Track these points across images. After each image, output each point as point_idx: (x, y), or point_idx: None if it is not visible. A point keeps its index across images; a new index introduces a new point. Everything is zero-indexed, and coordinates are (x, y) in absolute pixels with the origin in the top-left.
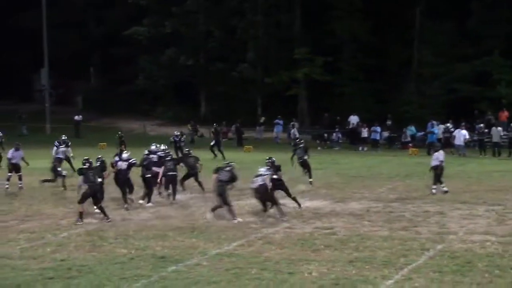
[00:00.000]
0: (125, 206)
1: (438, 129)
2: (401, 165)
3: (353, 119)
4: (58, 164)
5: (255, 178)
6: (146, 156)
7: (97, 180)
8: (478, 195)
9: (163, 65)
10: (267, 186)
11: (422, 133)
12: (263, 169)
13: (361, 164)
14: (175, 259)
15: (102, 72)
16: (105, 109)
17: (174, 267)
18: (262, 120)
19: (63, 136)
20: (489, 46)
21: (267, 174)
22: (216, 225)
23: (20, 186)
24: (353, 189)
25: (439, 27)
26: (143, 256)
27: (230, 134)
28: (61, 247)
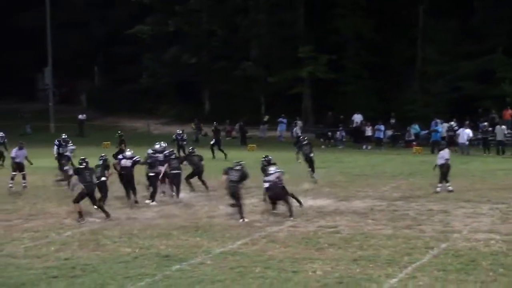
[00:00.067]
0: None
1: (442, 128)
2: (405, 164)
3: (357, 118)
4: (66, 163)
5: (267, 178)
6: (151, 155)
7: (94, 180)
8: (482, 194)
9: (167, 64)
10: (281, 184)
11: (426, 132)
12: (273, 168)
13: (365, 163)
14: (179, 258)
15: (106, 71)
16: (109, 108)
17: (178, 266)
18: (266, 119)
19: (63, 135)
20: (493, 44)
21: (279, 172)
22: (220, 224)
23: (24, 185)
24: (357, 188)
25: (443, 25)
26: (147, 255)
27: (234, 133)
28: (65, 246)
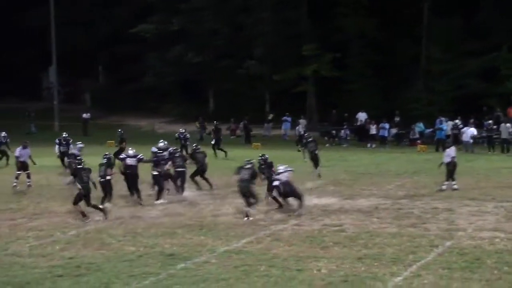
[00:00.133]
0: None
1: (447, 126)
2: (410, 162)
3: (361, 116)
4: (73, 160)
5: (277, 176)
6: (155, 153)
7: (93, 180)
8: (487, 192)
9: (171, 63)
10: (291, 182)
11: (431, 130)
12: (282, 167)
13: (369, 161)
14: (184, 257)
15: (110, 70)
16: (113, 107)
17: (183, 265)
18: (270, 117)
19: (64, 134)
20: (497, 42)
21: (289, 171)
22: (225, 223)
23: (29, 184)
24: (362, 186)
25: (447, 23)
26: (152, 254)
27: (238, 131)
28: (70, 245)
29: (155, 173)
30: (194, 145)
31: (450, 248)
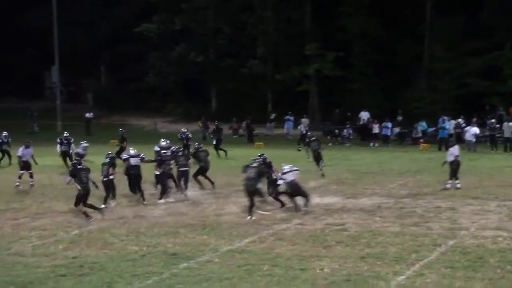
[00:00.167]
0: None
1: (449, 125)
2: (412, 161)
3: (364, 115)
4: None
5: (283, 176)
6: (158, 153)
7: (92, 180)
8: (490, 191)
9: (173, 62)
10: (298, 182)
11: (433, 129)
12: (288, 166)
13: (372, 160)
14: (187, 256)
15: (112, 70)
16: (116, 106)
17: (186, 264)
18: (273, 116)
19: (65, 133)
20: (500, 41)
21: (295, 170)
22: (228, 222)
23: (32, 184)
24: (364, 185)
25: (450, 22)
26: (155, 253)
27: (241, 131)
28: (73, 244)
29: (158, 173)
30: (196, 144)
31: (453, 247)
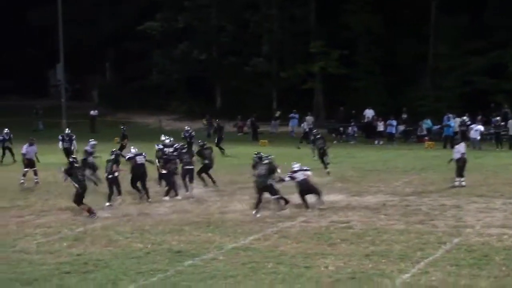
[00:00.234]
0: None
1: (454, 122)
2: (417, 159)
3: (369, 113)
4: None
5: (294, 174)
6: (162, 151)
7: (89, 177)
8: (495, 188)
9: (177, 60)
10: (310, 180)
11: (438, 127)
12: (298, 165)
13: (377, 158)
14: (192, 254)
15: (117, 67)
16: (120, 104)
17: (191, 262)
18: (277, 114)
19: (67, 130)
20: (505, 39)
21: (307, 171)
22: (232, 220)
23: (36, 181)
24: (369, 183)
25: (454, 21)
26: (160, 251)
27: (246, 128)
28: (78, 242)
29: (164, 172)
30: (200, 142)
31: (458, 245)
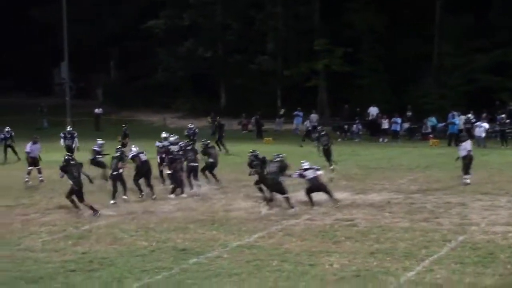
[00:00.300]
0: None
1: (459, 120)
2: (422, 156)
3: (373, 111)
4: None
5: (304, 172)
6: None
7: (86, 174)
8: (500, 186)
9: (181, 58)
10: (320, 178)
11: (443, 124)
12: (307, 163)
13: (382, 156)
14: (196, 252)
15: (121, 66)
16: (125, 102)
17: (195, 259)
18: (282, 112)
19: (69, 127)
20: (509, 38)
21: (318, 170)
22: (237, 218)
23: (41, 179)
24: (374, 181)
25: (459, 19)
26: (164, 249)
27: (250, 126)
28: (83, 240)
29: (169, 172)
30: (204, 140)
31: (463, 243)
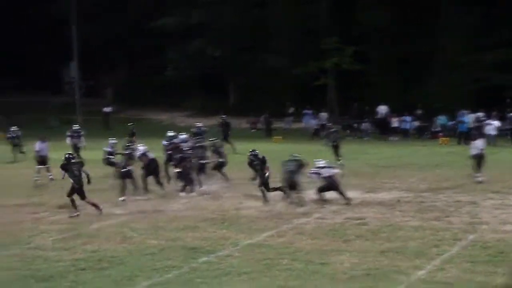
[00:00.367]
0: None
1: (469, 118)
2: (432, 155)
3: (382, 109)
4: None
5: (320, 170)
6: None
7: (86, 172)
8: (511, 185)
9: (191, 56)
10: (336, 178)
11: (453, 123)
12: (322, 162)
13: (391, 154)
14: (206, 250)
15: (131, 64)
16: (134, 101)
17: (205, 258)
18: (291, 111)
19: (75, 126)
20: None
21: (334, 169)
22: (247, 216)
23: (51, 178)
24: (384, 179)
25: (467, 16)
26: (174, 247)
27: (259, 125)
28: (92, 239)
29: (178, 171)
30: (212, 139)
31: (474, 242)
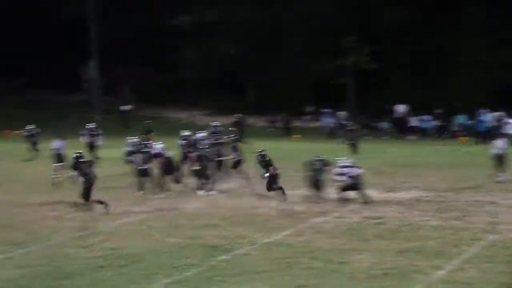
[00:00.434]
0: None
1: (489, 118)
2: (451, 154)
3: (401, 108)
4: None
5: (343, 169)
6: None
7: (93, 172)
8: None
9: (209, 55)
10: (360, 177)
11: (472, 122)
12: (347, 161)
13: (410, 153)
14: (225, 248)
15: (149, 62)
16: (153, 99)
17: (224, 257)
18: (310, 110)
19: (91, 124)
20: None
21: (358, 167)
22: (265, 215)
23: (68, 176)
24: (402, 179)
25: (487, 14)
26: (193, 245)
27: (278, 124)
28: (112, 236)
29: (196, 169)
30: (230, 136)
31: (494, 242)
